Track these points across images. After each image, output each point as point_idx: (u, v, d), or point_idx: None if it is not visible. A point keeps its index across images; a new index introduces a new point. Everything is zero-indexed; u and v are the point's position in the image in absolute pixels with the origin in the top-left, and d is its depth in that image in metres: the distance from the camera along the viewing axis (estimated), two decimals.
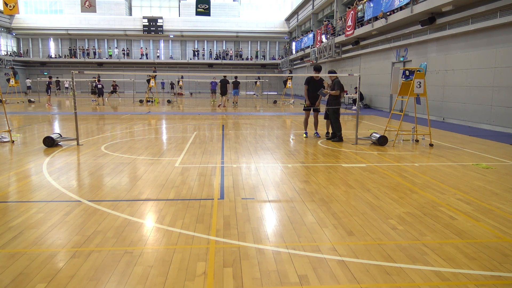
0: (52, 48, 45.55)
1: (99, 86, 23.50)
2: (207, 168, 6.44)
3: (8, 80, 24.43)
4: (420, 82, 8.78)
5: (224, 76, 21.20)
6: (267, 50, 47.52)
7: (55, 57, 45.09)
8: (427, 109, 9.42)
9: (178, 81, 31.87)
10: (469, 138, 10.05)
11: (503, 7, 10.89)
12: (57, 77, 36.26)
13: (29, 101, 25.41)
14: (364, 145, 8.87)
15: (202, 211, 4.32)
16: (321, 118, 10.56)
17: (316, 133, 10.26)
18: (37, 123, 13.16)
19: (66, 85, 39.14)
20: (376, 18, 17.53)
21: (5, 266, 3.02)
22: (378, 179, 5.83)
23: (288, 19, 43.81)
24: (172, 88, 36.70)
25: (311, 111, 10.15)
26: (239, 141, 9.47)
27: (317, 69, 9.96)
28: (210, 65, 46.06)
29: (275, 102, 27.31)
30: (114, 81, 27.27)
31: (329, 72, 9.70)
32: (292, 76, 32.57)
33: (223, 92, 21.04)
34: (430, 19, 13.90)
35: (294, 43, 37.30)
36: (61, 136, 8.90)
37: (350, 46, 22.75)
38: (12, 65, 36.46)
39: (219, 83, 21.42)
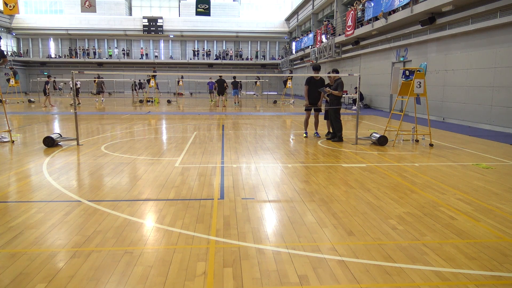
0: (52, 48, 45.56)
1: (77, 85, 23.04)
2: (207, 168, 6.44)
3: (8, 80, 24.44)
4: (420, 82, 8.78)
5: (220, 76, 21.23)
6: (267, 50, 47.51)
7: (55, 57, 45.09)
8: (427, 109, 9.42)
9: (178, 81, 31.77)
10: (469, 138, 10.05)
11: (503, 7, 10.90)
12: (54, 78, 36.16)
13: (29, 101, 25.42)
14: (364, 145, 8.87)
15: (202, 211, 4.32)
16: (321, 118, 10.56)
17: (316, 133, 10.26)
18: (37, 123, 13.15)
19: (60, 86, 38.92)
20: (376, 18, 17.54)
21: (5, 266, 3.02)
22: (378, 179, 5.83)
23: (288, 19, 43.80)
24: (137, 88, 29.77)
25: (312, 111, 10.16)
26: (239, 141, 9.46)
27: (316, 68, 9.95)
28: (210, 65, 46.07)
29: (275, 102, 27.31)
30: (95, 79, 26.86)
31: (333, 71, 9.64)
32: (292, 76, 32.57)
33: (220, 92, 21.07)
34: (430, 19, 13.90)
35: (294, 43, 37.28)
36: (61, 136, 8.90)
37: (350, 46, 22.75)
38: (12, 65, 36.45)
39: (216, 83, 21.46)
